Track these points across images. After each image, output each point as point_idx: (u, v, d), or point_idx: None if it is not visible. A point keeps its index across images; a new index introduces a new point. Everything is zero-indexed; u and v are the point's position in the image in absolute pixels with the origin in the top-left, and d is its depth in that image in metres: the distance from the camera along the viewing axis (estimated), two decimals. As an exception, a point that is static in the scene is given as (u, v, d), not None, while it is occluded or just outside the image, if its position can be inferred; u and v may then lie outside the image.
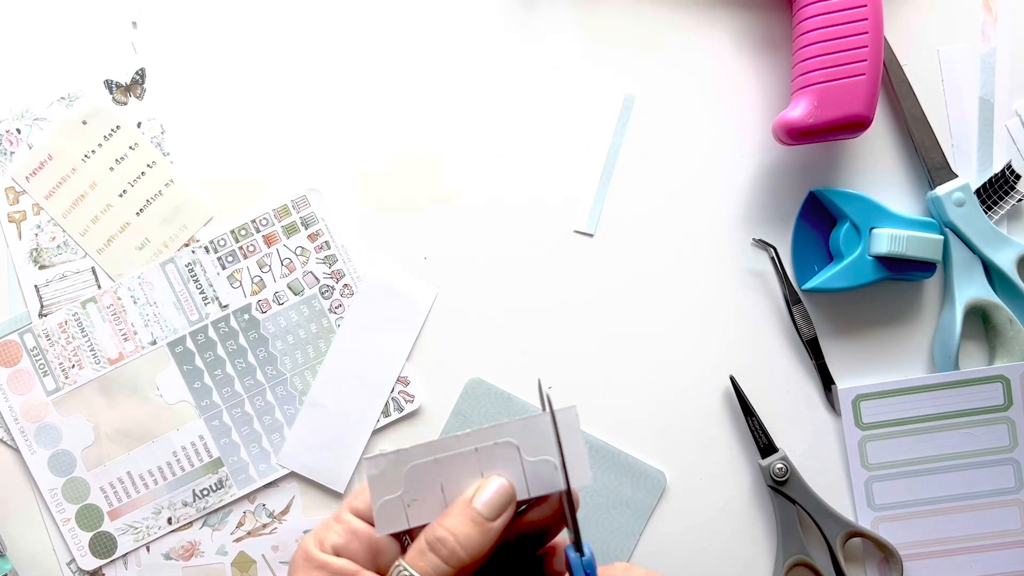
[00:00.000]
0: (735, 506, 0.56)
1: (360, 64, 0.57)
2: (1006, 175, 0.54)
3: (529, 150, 0.57)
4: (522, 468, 0.39)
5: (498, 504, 0.38)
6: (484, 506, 0.38)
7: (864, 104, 0.51)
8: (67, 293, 0.56)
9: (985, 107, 0.56)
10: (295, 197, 0.57)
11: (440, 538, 0.37)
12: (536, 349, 0.56)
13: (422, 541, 0.38)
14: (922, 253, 0.53)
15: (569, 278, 0.57)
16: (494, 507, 0.38)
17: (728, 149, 0.57)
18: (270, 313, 0.57)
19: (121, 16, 0.57)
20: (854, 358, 0.56)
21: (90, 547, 0.56)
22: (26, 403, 0.56)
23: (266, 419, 0.56)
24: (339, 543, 0.40)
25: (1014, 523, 0.55)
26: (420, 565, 0.37)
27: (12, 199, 0.56)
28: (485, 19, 0.57)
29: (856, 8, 0.51)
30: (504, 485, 0.38)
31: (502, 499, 0.38)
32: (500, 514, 0.38)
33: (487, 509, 0.38)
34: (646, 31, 0.57)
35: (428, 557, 0.37)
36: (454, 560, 0.37)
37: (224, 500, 0.56)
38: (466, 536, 0.38)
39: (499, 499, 0.38)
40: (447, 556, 0.37)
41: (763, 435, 0.55)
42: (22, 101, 0.57)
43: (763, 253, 0.56)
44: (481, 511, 0.38)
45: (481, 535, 0.38)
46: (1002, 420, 0.55)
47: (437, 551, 0.37)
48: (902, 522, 0.55)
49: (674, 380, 0.56)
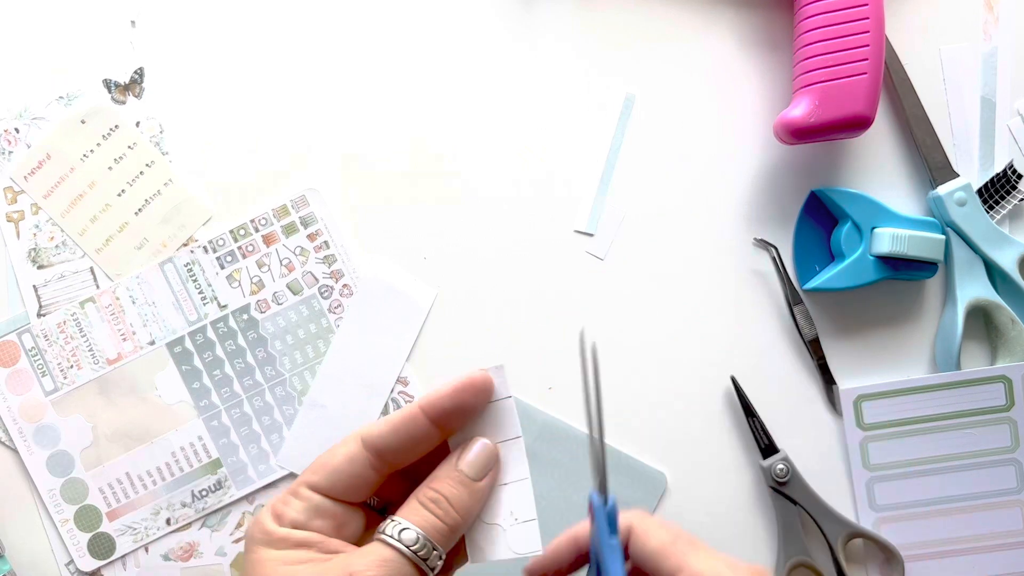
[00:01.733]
0: (736, 507, 0.56)
1: (360, 64, 0.57)
2: (1008, 175, 0.54)
3: (529, 150, 0.57)
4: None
5: (482, 464, 0.40)
6: (469, 467, 0.40)
7: (865, 103, 0.51)
8: (65, 293, 0.56)
9: (987, 106, 0.56)
10: (294, 197, 0.57)
11: (432, 498, 0.39)
12: (536, 349, 0.56)
13: (414, 501, 0.39)
14: (924, 253, 0.53)
15: (569, 278, 0.56)
16: (479, 467, 0.40)
17: (729, 149, 0.57)
18: (269, 313, 0.56)
19: (120, 15, 0.57)
20: (855, 358, 0.56)
21: (89, 548, 0.56)
22: (24, 403, 0.56)
23: (265, 419, 0.56)
24: (299, 519, 0.39)
25: (1016, 524, 0.55)
26: (415, 519, 0.38)
27: (10, 199, 0.56)
28: (485, 19, 0.57)
29: (857, 7, 0.51)
30: (486, 444, 0.40)
31: (485, 459, 0.40)
32: (485, 474, 0.40)
33: (472, 470, 0.40)
34: (646, 31, 0.57)
35: (422, 513, 0.39)
36: (449, 519, 0.39)
37: (223, 501, 0.56)
38: (458, 498, 0.39)
39: (482, 459, 0.40)
40: (442, 515, 0.39)
41: (764, 436, 0.55)
42: (20, 100, 0.56)
43: (764, 253, 0.56)
44: (467, 472, 0.40)
45: (470, 496, 0.39)
46: (1004, 420, 0.55)
47: (431, 509, 0.39)
48: (904, 523, 0.55)
49: (675, 380, 0.56)
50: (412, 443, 0.40)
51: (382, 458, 0.39)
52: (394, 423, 0.39)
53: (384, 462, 0.40)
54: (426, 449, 0.40)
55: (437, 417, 0.39)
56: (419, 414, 0.39)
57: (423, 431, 0.39)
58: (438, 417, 0.39)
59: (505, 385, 0.41)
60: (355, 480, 0.39)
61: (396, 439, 0.39)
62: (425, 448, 0.40)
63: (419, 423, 0.39)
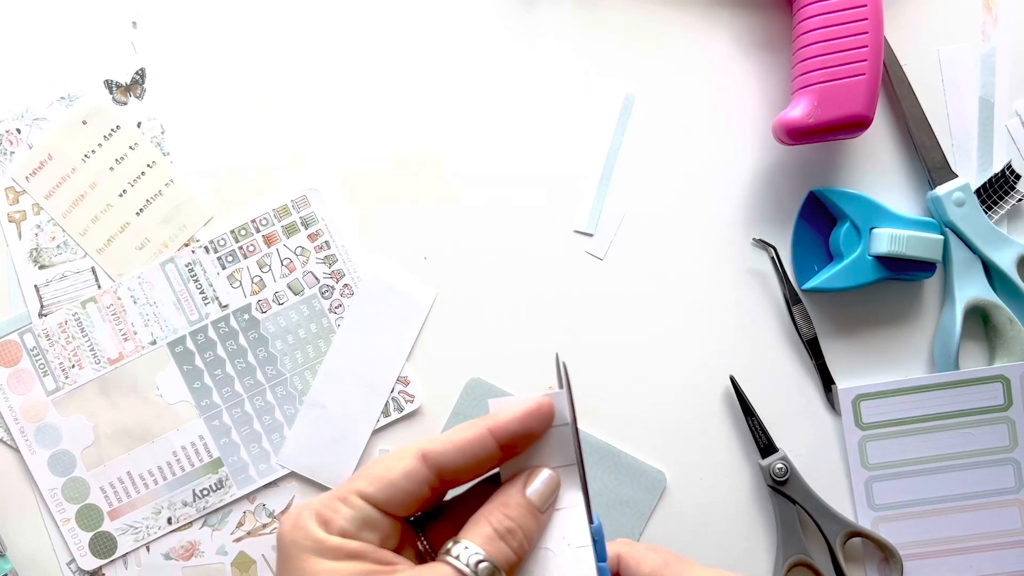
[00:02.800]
0: (735, 506, 0.56)
1: (360, 64, 0.57)
2: (1006, 175, 0.54)
3: (529, 150, 0.57)
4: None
5: (549, 494, 0.39)
6: (538, 497, 0.39)
7: (864, 104, 0.51)
8: (67, 293, 0.56)
9: (985, 107, 0.56)
10: (295, 197, 0.57)
11: (509, 528, 0.37)
12: (536, 349, 0.56)
13: (489, 528, 0.37)
14: (922, 253, 0.53)
15: (569, 278, 0.57)
16: (546, 497, 0.39)
17: (728, 149, 0.57)
18: (270, 313, 0.57)
19: (121, 16, 0.57)
20: (854, 358, 0.56)
21: (90, 547, 0.56)
22: (26, 403, 0.56)
23: (266, 419, 0.56)
24: (349, 529, 0.36)
25: (1014, 523, 0.55)
26: (491, 550, 0.37)
27: (12, 199, 0.56)
28: (485, 19, 0.57)
29: (856, 8, 0.51)
30: (552, 475, 0.39)
31: (552, 489, 0.39)
32: (549, 505, 0.39)
33: (540, 499, 0.39)
34: (646, 31, 0.57)
35: (499, 545, 0.37)
36: (521, 552, 0.38)
37: (224, 500, 0.56)
38: (529, 529, 0.38)
39: (550, 489, 0.39)
40: (516, 547, 0.38)
41: (763, 435, 0.55)
42: (22, 101, 0.56)
43: (763, 253, 0.56)
44: (536, 503, 0.39)
45: (537, 527, 0.39)
46: (1002, 420, 0.55)
47: (508, 541, 0.37)
48: (902, 522, 0.55)
49: (674, 380, 0.56)
50: (476, 464, 0.38)
51: (440, 476, 0.38)
52: (459, 443, 0.38)
53: (441, 480, 0.38)
54: (485, 471, 0.39)
55: (505, 441, 0.38)
56: (488, 436, 0.38)
57: (489, 453, 0.38)
58: (506, 441, 0.38)
59: (564, 411, 0.40)
60: (410, 496, 0.38)
61: (461, 459, 0.38)
62: (485, 470, 0.39)
63: (487, 446, 0.38)
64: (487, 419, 0.38)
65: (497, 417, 0.38)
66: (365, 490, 0.37)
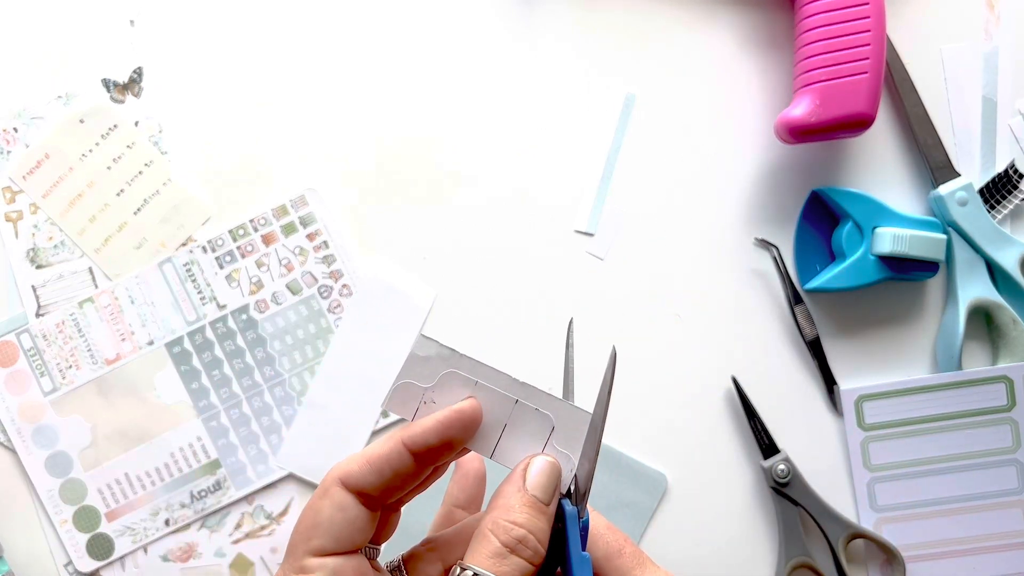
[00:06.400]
0: (737, 508, 0.56)
1: (360, 64, 0.57)
2: (1009, 174, 0.54)
3: (529, 150, 0.57)
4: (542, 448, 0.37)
5: (552, 485, 0.36)
6: (542, 491, 0.35)
7: (866, 103, 0.51)
8: (64, 293, 0.56)
9: (988, 106, 0.56)
10: (293, 197, 0.56)
11: (521, 538, 0.34)
12: (536, 349, 0.56)
13: (495, 543, 0.34)
14: (925, 253, 0.53)
15: (569, 278, 0.56)
16: (550, 490, 0.36)
17: (729, 148, 0.56)
18: (268, 313, 0.56)
19: (119, 15, 0.57)
20: (857, 358, 0.56)
21: (87, 549, 0.56)
22: (23, 404, 0.56)
23: (264, 420, 0.56)
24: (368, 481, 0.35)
25: (1017, 524, 0.55)
26: (504, 570, 0.33)
27: (9, 198, 0.56)
28: (485, 19, 0.57)
29: (858, 7, 0.51)
30: (551, 463, 0.36)
31: (553, 479, 0.36)
32: (552, 496, 0.36)
33: (545, 493, 0.35)
34: (646, 30, 0.57)
35: (512, 560, 0.34)
36: (537, 559, 0.34)
37: (222, 502, 0.56)
38: (541, 531, 0.35)
39: (551, 480, 0.36)
40: (531, 556, 0.34)
41: (765, 436, 0.55)
42: (19, 100, 0.56)
43: (765, 253, 0.56)
44: (540, 498, 0.35)
45: (547, 523, 0.35)
46: (1005, 421, 0.54)
47: (521, 552, 0.34)
48: (905, 523, 0.55)
49: (675, 380, 0.56)
50: (398, 480, 0.35)
51: (368, 498, 0.35)
52: (371, 459, 0.35)
53: (373, 501, 0.36)
54: (414, 483, 0.36)
55: (420, 453, 0.35)
56: (401, 448, 0.35)
57: (407, 467, 0.35)
58: (422, 453, 0.35)
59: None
60: (353, 527, 0.35)
61: (378, 478, 0.35)
62: (413, 482, 0.36)
63: (403, 459, 0.35)
64: (403, 431, 0.35)
65: (412, 428, 0.35)
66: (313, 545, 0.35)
